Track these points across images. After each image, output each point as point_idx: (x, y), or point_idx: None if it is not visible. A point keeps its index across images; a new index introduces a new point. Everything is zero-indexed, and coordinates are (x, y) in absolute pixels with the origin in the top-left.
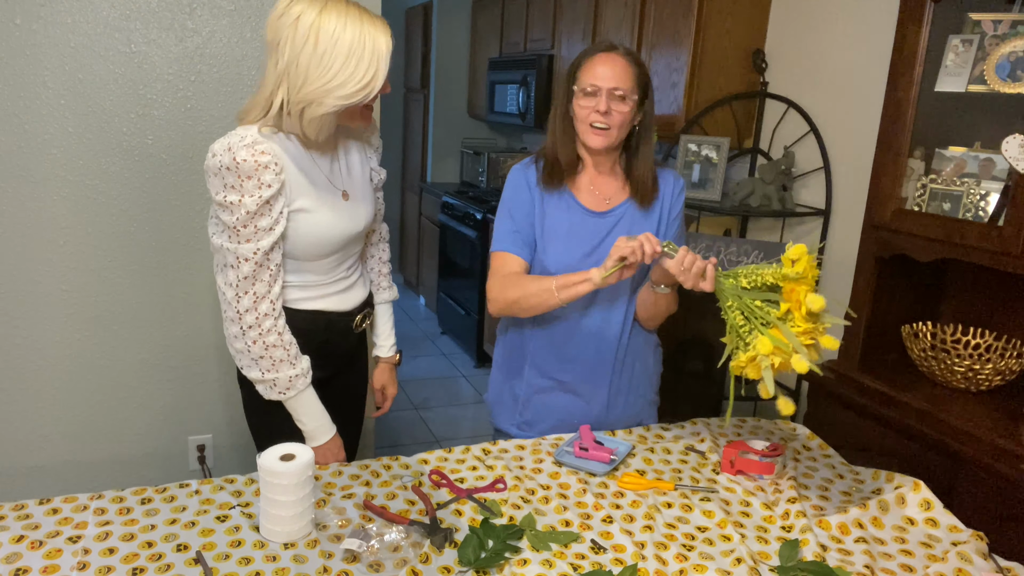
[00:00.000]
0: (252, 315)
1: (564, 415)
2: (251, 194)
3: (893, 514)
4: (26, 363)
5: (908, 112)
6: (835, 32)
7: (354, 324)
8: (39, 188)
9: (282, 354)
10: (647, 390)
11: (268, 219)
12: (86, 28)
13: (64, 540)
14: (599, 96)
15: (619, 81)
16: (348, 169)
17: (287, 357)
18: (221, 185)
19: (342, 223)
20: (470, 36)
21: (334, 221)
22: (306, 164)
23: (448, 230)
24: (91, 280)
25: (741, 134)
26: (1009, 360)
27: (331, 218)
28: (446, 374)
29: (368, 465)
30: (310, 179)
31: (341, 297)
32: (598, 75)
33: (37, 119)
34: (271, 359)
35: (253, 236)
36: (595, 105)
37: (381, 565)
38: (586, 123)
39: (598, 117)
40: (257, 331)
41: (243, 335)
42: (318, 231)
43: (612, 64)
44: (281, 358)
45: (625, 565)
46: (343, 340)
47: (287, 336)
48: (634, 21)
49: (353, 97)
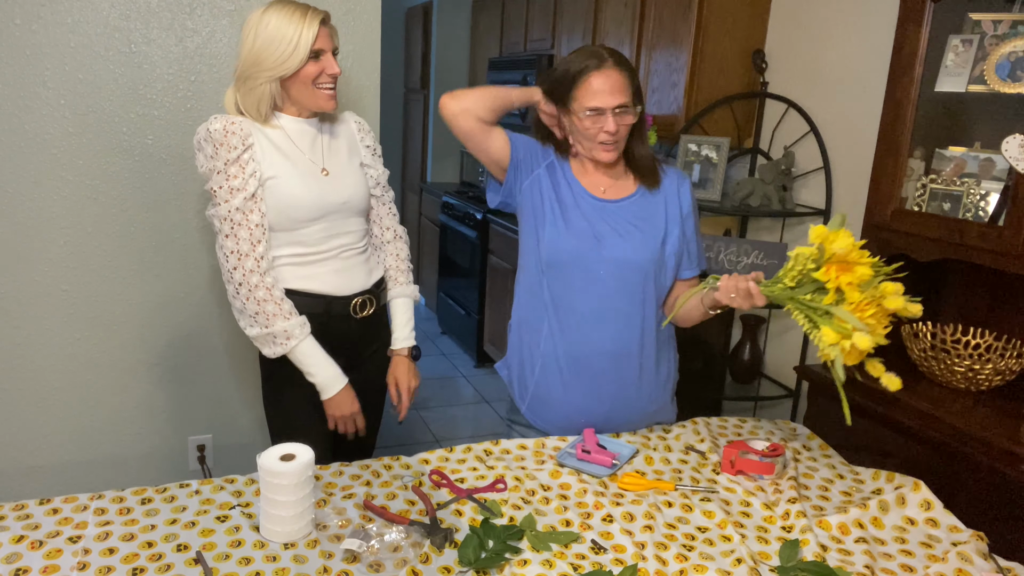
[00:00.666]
0: (239, 272)
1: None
2: (222, 158)
3: (893, 514)
4: (26, 363)
5: (908, 112)
6: (835, 32)
7: (351, 308)
8: (39, 188)
9: (274, 308)
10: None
11: (239, 180)
12: (86, 28)
13: (64, 540)
14: (605, 116)
15: (621, 96)
16: (331, 150)
17: (280, 312)
18: (203, 157)
19: (314, 193)
20: (470, 36)
21: (307, 190)
22: (280, 140)
23: (448, 230)
24: (91, 280)
25: (741, 134)
26: (1009, 360)
27: (304, 187)
28: (446, 374)
29: (369, 465)
30: (283, 153)
31: (338, 279)
32: (600, 96)
33: (37, 119)
34: (265, 314)
35: (228, 196)
36: (602, 126)
37: (381, 565)
38: (594, 141)
39: (607, 137)
40: (247, 288)
41: (236, 295)
42: (291, 198)
43: (611, 80)
44: (274, 312)
45: (625, 565)
46: (344, 325)
47: (277, 292)
48: (634, 21)
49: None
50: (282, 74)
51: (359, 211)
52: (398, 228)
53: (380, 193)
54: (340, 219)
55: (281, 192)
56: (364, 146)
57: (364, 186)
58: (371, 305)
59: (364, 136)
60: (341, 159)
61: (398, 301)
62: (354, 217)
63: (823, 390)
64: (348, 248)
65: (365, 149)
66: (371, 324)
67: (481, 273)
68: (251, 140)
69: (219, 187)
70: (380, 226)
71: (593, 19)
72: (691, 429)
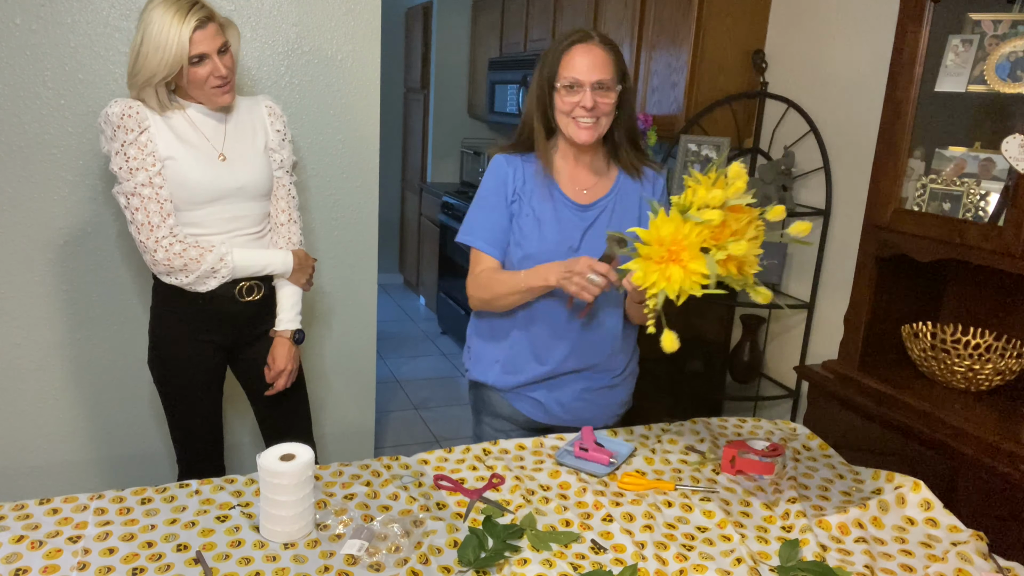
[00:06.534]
0: (152, 241)
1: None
2: (119, 140)
3: (893, 514)
4: (26, 363)
5: (908, 112)
6: (835, 32)
7: (237, 291)
8: (39, 188)
9: (195, 252)
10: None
11: (138, 160)
12: (86, 28)
13: (64, 540)
14: (583, 91)
15: (601, 72)
16: (233, 136)
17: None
18: (103, 139)
19: (208, 176)
20: (470, 36)
21: (201, 174)
22: (179, 125)
23: (448, 230)
24: (91, 280)
25: (741, 134)
26: (1009, 360)
27: (199, 171)
28: (446, 374)
29: (369, 465)
30: (180, 137)
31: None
32: (578, 68)
33: (37, 119)
34: (192, 259)
35: (130, 175)
36: (579, 100)
37: (381, 565)
38: (570, 117)
39: (583, 112)
40: (163, 251)
41: (156, 261)
42: (185, 180)
43: (592, 55)
44: (197, 254)
45: (625, 565)
46: (231, 307)
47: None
48: (634, 21)
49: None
50: (161, 79)
51: (256, 195)
52: (294, 212)
53: (281, 175)
54: (235, 203)
55: (175, 174)
56: (274, 131)
57: (265, 172)
58: (258, 291)
59: (274, 121)
60: (243, 145)
61: (284, 288)
62: (250, 201)
63: (823, 390)
64: (242, 232)
65: (275, 134)
66: (262, 306)
67: None
68: (147, 123)
69: (119, 168)
70: (276, 208)
71: (593, 19)
72: (691, 429)
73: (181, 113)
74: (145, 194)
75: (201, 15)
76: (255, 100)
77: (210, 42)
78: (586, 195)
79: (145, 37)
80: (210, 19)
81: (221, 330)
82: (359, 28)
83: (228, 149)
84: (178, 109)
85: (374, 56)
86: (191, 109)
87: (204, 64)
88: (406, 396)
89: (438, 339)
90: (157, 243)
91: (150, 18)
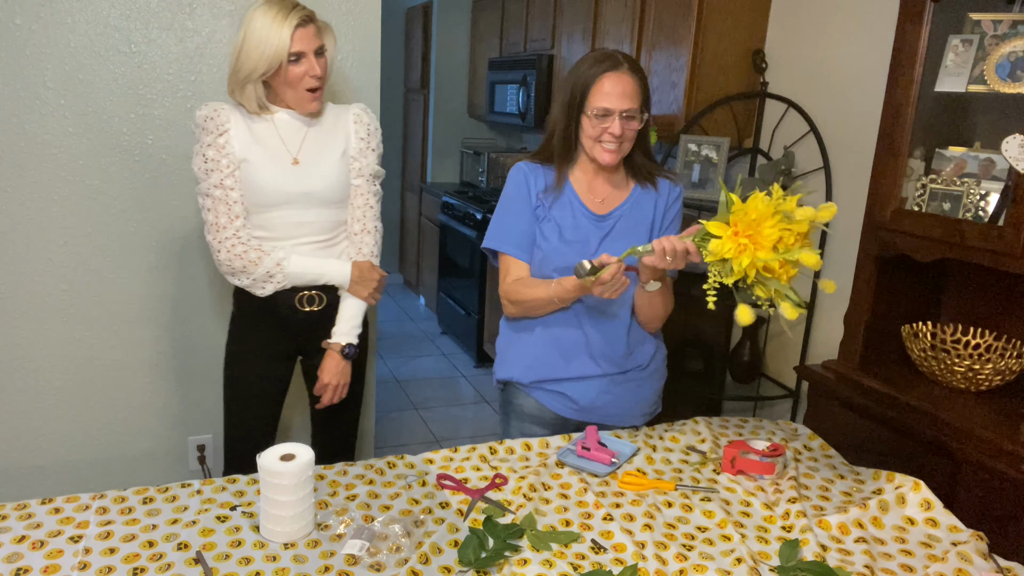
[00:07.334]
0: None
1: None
2: (203, 142)
3: (893, 514)
4: (26, 363)
5: (908, 112)
6: (835, 32)
7: (296, 301)
8: (39, 188)
9: (255, 255)
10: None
11: (214, 161)
12: (86, 28)
13: (65, 540)
14: (612, 118)
15: (631, 101)
16: (310, 143)
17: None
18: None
19: (277, 180)
20: (470, 36)
21: (273, 176)
22: (261, 129)
23: (448, 230)
24: (91, 280)
25: (741, 134)
26: (1009, 360)
27: (269, 172)
28: (446, 374)
29: (372, 464)
30: (257, 139)
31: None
32: (609, 97)
33: (37, 119)
34: (250, 261)
35: (205, 176)
36: (608, 127)
37: (382, 565)
38: (597, 141)
39: (610, 138)
40: (226, 252)
41: (221, 262)
42: (256, 181)
43: (622, 84)
44: (256, 256)
45: (625, 565)
46: (290, 316)
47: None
48: (634, 21)
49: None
50: (261, 75)
51: (325, 202)
52: (369, 222)
53: (359, 183)
54: (303, 208)
55: (248, 176)
56: (357, 138)
57: (339, 178)
58: (319, 302)
59: (359, 128)
60: (320, 150)
61: (346, 300)
62: (319, 207)
63: (823, 390)
64: (308, 238)
65: (357, 141)
66: (323, 317)
67: (481, 273)
68: (227, 126)
69: (197, 168)
70: (351, 216)
71: (593, 19)
72: (691, 429)
73: (269, 117)
74: (216, 195)
75: (303, 15)
76: (346, 108)
77: (309, 41)
78: (602, 205)
79: (248, 34)
80: (311, 20)
81: (286, 339)
82: (359, 28)
83: (303, 154)
84: (267, 113)
85: (374, 56)
86: (280, 114)
87: (301, 63)
88: (406, 396)
89: (438, 339)
90: (221, 243)
91: (253, 16)
